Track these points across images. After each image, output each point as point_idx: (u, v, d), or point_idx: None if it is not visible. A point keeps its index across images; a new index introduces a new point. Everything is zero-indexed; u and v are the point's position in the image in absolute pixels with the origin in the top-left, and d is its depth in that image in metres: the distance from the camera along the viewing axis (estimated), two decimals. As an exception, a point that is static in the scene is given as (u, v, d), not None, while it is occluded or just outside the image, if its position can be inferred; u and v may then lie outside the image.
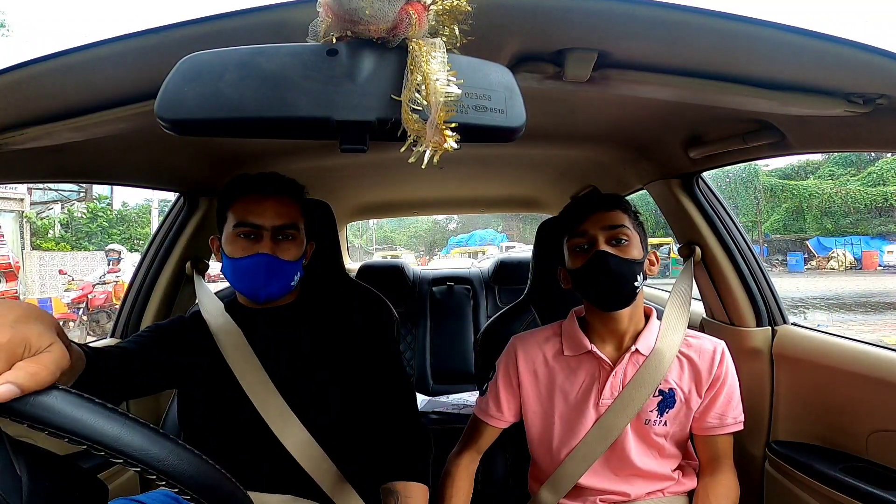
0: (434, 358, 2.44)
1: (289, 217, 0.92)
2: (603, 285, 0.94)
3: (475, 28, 0.54)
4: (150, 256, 1.44)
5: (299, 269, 0.95)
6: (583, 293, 0.99)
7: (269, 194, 0.92)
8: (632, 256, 0.94)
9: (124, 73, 0.68)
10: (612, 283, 0.93)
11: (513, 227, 26.07)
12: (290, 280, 0.93)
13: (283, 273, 0.91)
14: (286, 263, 0.91)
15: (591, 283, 0.95)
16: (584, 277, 0.96)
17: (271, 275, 0.90)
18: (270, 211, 0.90)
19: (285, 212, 0.92)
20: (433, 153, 0.50)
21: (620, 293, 0.94)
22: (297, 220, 0.94)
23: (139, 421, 0.43)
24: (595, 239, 0.95)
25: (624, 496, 1.00)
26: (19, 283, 9.97)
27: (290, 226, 0.92)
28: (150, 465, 0.41)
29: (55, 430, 0.39)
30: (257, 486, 0.88)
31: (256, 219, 0.90)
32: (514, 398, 1.05)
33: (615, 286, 0.93)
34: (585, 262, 0.95)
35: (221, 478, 0.47)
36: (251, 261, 0.89)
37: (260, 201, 0.91)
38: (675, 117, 1.08)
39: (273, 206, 0.91)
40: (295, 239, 0.93)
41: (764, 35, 0.61)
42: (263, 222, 0.90)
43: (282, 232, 0.91)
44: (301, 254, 0.95)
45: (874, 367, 1.01)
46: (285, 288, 0.93)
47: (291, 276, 0.93)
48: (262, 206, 0.90)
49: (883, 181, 16.79)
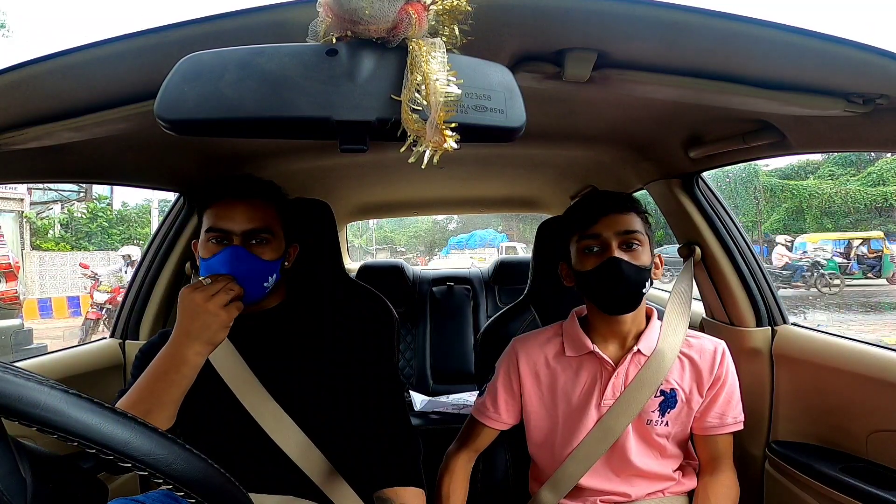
0: (434, 358, 2.44)
1: (260, 221, 0.90)
2: (613, 291, 0.93)
3: (475, 28, 0.54)
4: (149, 256, 1.44)
5: (275, 272, 0.92)
6: (588, 295, 0.98)
7: (239, 198, 0.90)
8: (643, 263, 0.93)
9: (124, 73, 0.68)
10: (622, 289, 0.92)
11: (513, 227, 26.06)
12: (262, 280, 0.89)
13: (253, 269, 0.88)
14: (257, 260, 0.88)
15: (601, 287, 0.94)
16: (593, 281, 0.94)
17: (240, 268, 0.86)
18: (240, 215, 0.89)
19: (257, 215, 0.90)
20: (433, 153, 0.50)
21: (630, 300, 0.94)
22: (271, 224, 0.92)
23: (147, 424, 0.43)
24: (608, 243, 0.93)
25: (624, 496, 1.00)
26: (19, 284, 9.96)
27: (262, 229, 0.90)
28: (157, 468, 0.41)
29: (63, 433, 0.39)
30: (254, 486, 0.88)
31: (226, 224, 0.88)
32: (514, 401, 1.05)
33: (625, 293, 0.93)
34: (597, 266, 0.93)
35: (226, 481, 0.47)
36: (221, 255, 0.86)
37: (230, 206, 0.89)
38: (675, 117, 1.08)
39: (244, 211, 0.89)
40: (269, 243, 0.91)
41: (764, 35, 0.61)
42: (233, 227, 0.88)
43: (254, 236, 0.89)
44: (277, 256, 0.93)
45: (874, 368, 1.01)
46: (258, 289, 0.89)
47: (264, 276, 0.90)
48: (233, 210, 0.89)
49: (883, 181, 16.78)
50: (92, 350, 1.38)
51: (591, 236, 0.94)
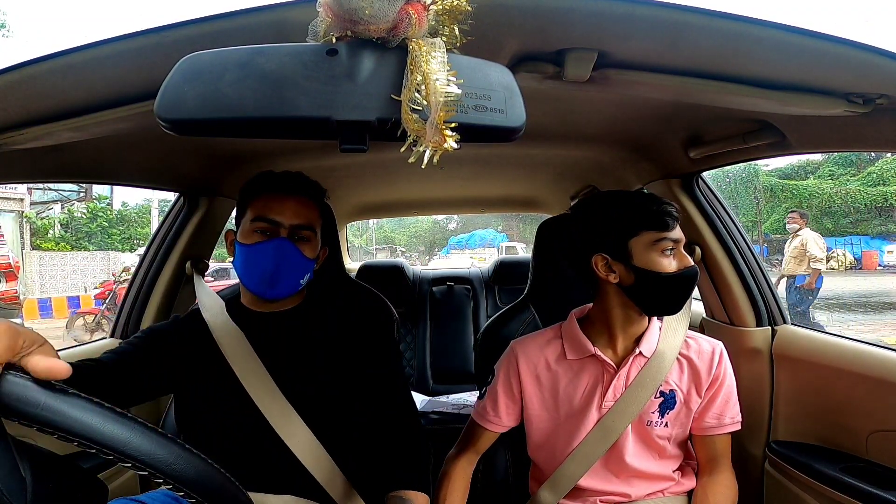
0: (434, 358, 2.44)
1: (306, 218, 0.93)
2: (687, 296, 0.95)
3: (475, 28, 0.54)
4: (150, 256, 1.44)
5: (310, 271, 0.96)
6: (645, 295, 0.93)
7: (291, 193, 0.93)
8: None
9: (124, 73, 0.68)
10: (691, 294, 0.96)
11: (513, 227, 26.05)
12: (300, 277, 0.94)
13: (295, 266, 0.92)
14: (301, 256, 0.92)
15: (678, 291, 0.93)
16: (674, 284, 0.92)
17: (286, 262, 0.90)
18: (290, 210, 0.92)
19: (304, 212, 0.93)
20: (433, 153, 0.50)
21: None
22: (314, 223, 0.95)
23: (147, 425, 0.43)
24: (679, 251, 0.93)
25: (624, 497, 1.00)
26: (19, 283, 9.97)
27: (306, 227, 0.93)
28: (158, 468, 0.42)
29: (65, 433, 0.39)
30: (258, 486, 0.88)
31: (276, 215, 0.91)
32: (514, 404, 1.04)
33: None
34: (682, 270, 0.91)
35: (225, 481, 0.47)
36: (269, 245, 0.89)
37: (282, 199, 0.92)
38: (675, 117, 1.08)
39: (293, 206, 0.92)
40: (310, 241, 0.94)
41: (764, 35, 0.61)
42: (282, 220, 0.91)
43: (298, 232, 0.92)
44: (314, 256, 0.96)
45: (874, 367, 1.02)
46: (293, 285, 0.93)
47: (302, 273, 0.94)
48: (283, 204, 0.92)
49: (883, 181, 16.78)
50: (91, 350, 1.38)
51: (671, 239, 0.92)
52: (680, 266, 0.92)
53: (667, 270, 0.91)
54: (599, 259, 0.94)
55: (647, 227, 0.91)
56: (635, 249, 0.91)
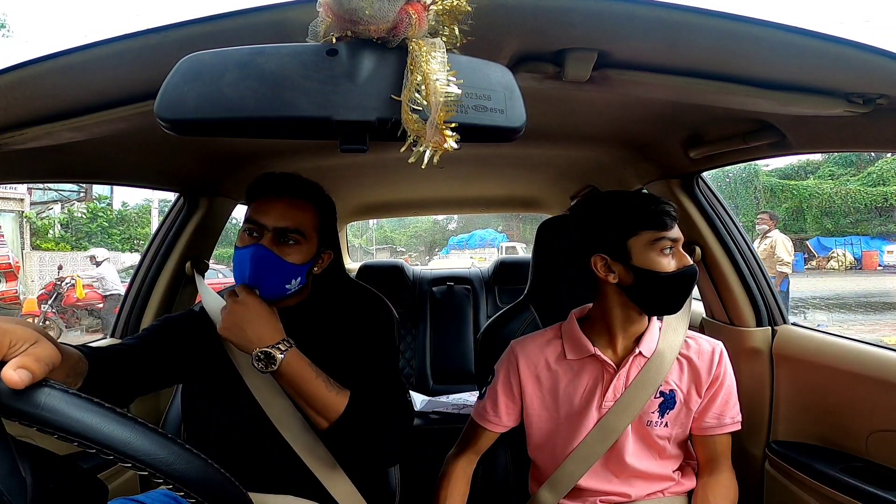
0: (434, 358, 2.44)
1: (294, 220, 0.89)
2: (686, 296, 0.95)
3: (475, 28, 0.54)
4: (150, 256, 1.44)
5: (300, 275, 0.91)
6: (645, 295, 0.93)
7: (279, 195, 0.91)
8: None
9: (124, 73, 0.68)
10: (690, 293, 0.97)
11: (513, 227, 26.05)
12: (283, 282, 0.89)
13: (274, 272, 0.88)
14: (282, 262, 0.88)
15: (678, 291, 0.93)
16: (674, 284, 0.92)
17: (261, 268, 0.87)
18: (276, 212, 0.89)
19: (292, 214, 0.90)
20: (433, 153, 0.50)
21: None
22: (304, 226, 0.91)
23: (147, 425, 0.43)
24: (678, 251, 0.93)
25: (624, 497, 0.99)
26: (19, 283, 9.96)
27: (293, 230, 0.89)
28: (158, 468, 0.42)
29: (64, 433, 0.39)
30: (257, 483, 0.88)
31: (261, 218, 0.89)
32: (514, 404, 1.04)
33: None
34: (682, 269, 0.91)
35: (225, 481, 0.47)
36: (248, 250, 0.87)
37: (269, 202, 0.90)
38: (675, 117, 1.08)
39: (280, 208, 0.89)
40: (298, 244, 0.90)
41: (764, 35, 0.61)
42: (266, 222, 0.88)
43: (285, 235, 0.89)
44: (306, 260, 0.92)
45: (874, 367, 1.02)
46: (276, 291, 0.89)
47: (286, 279, 0.90)
48: (270, 206, 0.90)
49: (883, 181, 16.79)
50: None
51: (670, 239, 0.92)
52: (679, 265, 0.92)
53: (666, 270, 0.91)
54: (599, 259, 0.94)
55: (645, 226, 0.91)
56: (634, 249, 0.91)
